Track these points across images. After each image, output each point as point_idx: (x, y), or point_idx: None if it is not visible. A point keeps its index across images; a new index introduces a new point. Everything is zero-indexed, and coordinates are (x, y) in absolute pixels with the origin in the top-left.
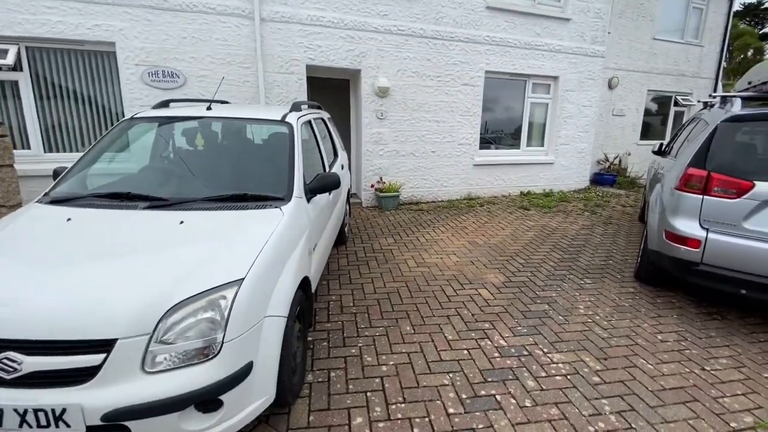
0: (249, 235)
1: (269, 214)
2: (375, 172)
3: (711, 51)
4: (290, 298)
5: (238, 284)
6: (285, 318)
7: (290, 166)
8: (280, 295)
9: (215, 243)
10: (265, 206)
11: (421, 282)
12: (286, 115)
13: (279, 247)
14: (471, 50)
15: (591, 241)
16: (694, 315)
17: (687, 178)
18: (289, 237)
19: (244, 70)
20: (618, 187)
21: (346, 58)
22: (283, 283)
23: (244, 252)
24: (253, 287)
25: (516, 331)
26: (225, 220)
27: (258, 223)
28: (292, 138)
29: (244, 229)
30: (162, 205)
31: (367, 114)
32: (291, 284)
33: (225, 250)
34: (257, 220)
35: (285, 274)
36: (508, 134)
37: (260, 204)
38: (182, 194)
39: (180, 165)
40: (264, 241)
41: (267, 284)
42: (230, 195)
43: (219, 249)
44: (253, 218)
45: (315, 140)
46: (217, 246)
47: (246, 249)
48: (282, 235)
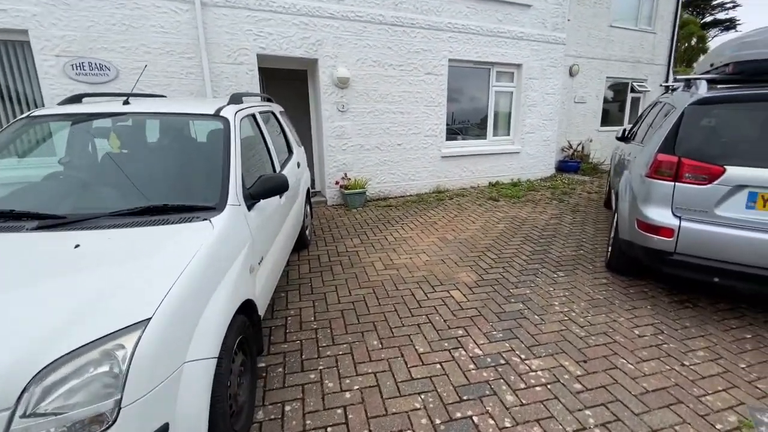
0: (163, 259)
1: (195, 228)
2: (339, 168)
3: (663, 38)
4: (222, 333)
5: (142, 327)
6: (215, 359)
7: (224, 168)
8: (207, 332)
9: (116, 273)
10: (191, 219)
11: (389, 287)
12: (221, 108)
13: (206, 269)
14: (433, 38)
15: (561, 230)
16: (667, 304)
17: (657, 165)
18: (221, 255)
19: (187, 61)
20: (582, 173)
21: (301, 47)
22: (211, 314)
23: (154, 282)
24: (164, 328)
25: (491, 337)
26: (135, 240)
27: (178, 241)
28: (228, 135)
29: (159, 251)
30: (56, 225)
31: (328, 107)
32: (224, 315)
33: (128, 282)
34: (178, 238)
35: (215, 302)
36: (474, 124)
37: (184, 217)
38: (84, 209)
39: (86, 173)
40: (183, 265)
41: (187, 321)
42: (146, 207)
43: (120, 281)
44: (173, 235)
45: (261, 137)
46: (119, 276)
47: (157, 278)
48: (211, 254)
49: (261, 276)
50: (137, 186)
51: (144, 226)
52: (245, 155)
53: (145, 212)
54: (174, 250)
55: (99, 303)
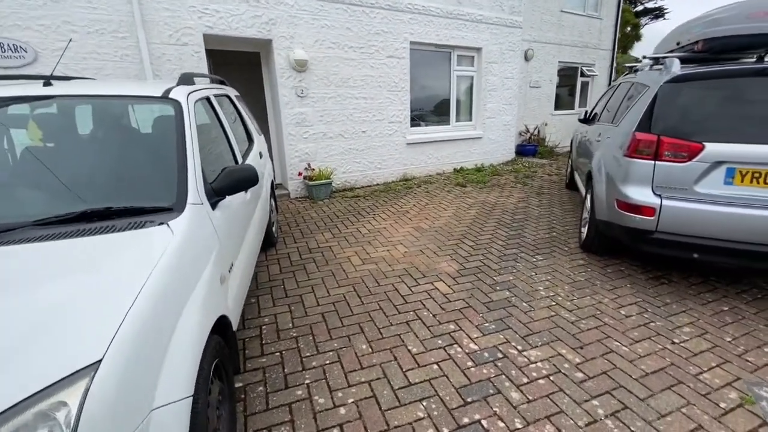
0: (113, 278)
1: (149, 235)
2: (301, 158)
3: (608, 24)
4: (196, 363)
5: (90, 373)
6: (189, 398)
7: (180, 160)
8: (177, 365)
9: (48, 301)
10: (144, 224)
11: (370, 283)
12: (170, 90)
13: (169, 286)
14: (394, 18)
15: (530, 213)
16: (645, 281)
17: (636, 144)
18: (186, 266)
19: (121, 41)
20: (540, 156)
21: (253, 26)
22: (180, 342)
23: (103, 310)
24: (120, 371)
25: (484, 329)
26: (71, 255)
27: (130, 253)
28: (182, 120)
29: (105, 267)
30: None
31: (285, 92)
32: (196, 340)
33: (66, 314)
34: (129, 249)
35: (184, 327)
36: (437, 110)
37: (135, 222)
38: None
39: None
40: (140, 284)
41: (150, 356)
42: (82, 213)
43: (55, 312)
44: (123, 246)
45: (219, 123)
46: (53, 307)
47: (106, 304)
48: (174, 266)
49: (232, 285)
50: (69, 186)
51: (82, 235)
52: (202, 145)
53: (82, 218)
54: (126, 264)
55: (26, 346)
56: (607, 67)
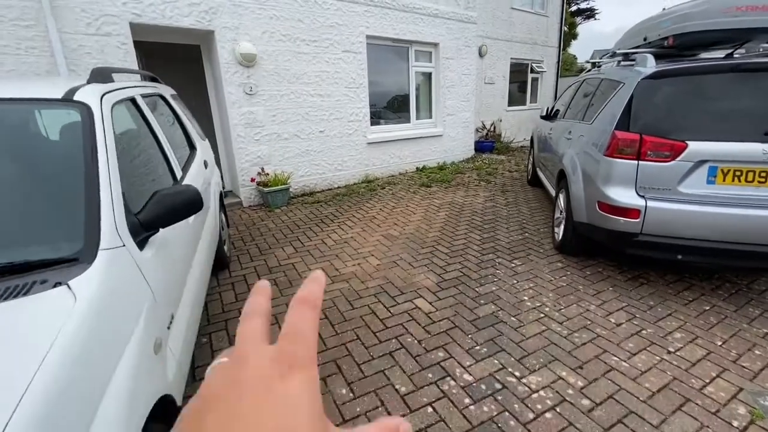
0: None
1: (35, 308)
2: (254, 162)
3: (554, 21)
4: None
5: None
6: None
7: (89, 187)
8: None
9: None
10: (29, 288)
11: (343, 306)
12: (76, 89)
13: (65, 395)
14: (348, 10)
15: (499, 213)
16: (625, 283)
17: (616, 144)
18: (98, 349)
19: (25, 31)
20: (497, 153)
21: (190, 15)
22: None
23: None
24: None
25: (476, 354)
26: None
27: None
28: (92, 131)
29: None
30: None
31: (232, 89)
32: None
33: None
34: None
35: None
36: (397, 107)
37: (14, 286)
38: None
39: None
40: (15, 397)
41: None
42: None
43: None
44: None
45: (150, 131)
46: None
47: None
48: (75, 357)
49: (175, 343)
50: None
51: None
52: (125, 161)
53: None
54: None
55: None
56: (554, 64)
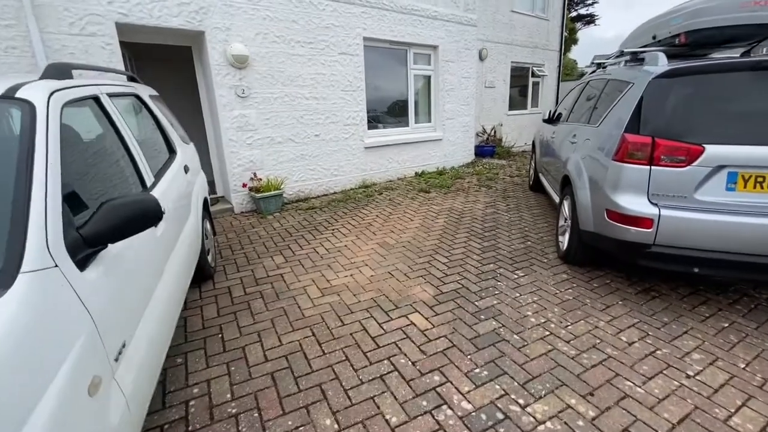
0: None
1: None
2: (246, 166)
3: (555, 25)
4: None
5: None
6: None
7: (18, 196)
8: None
9: None
10: None
11: (332, 322)
12: (20, 86)
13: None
14: (345, 12)
15: (500, 220)
16: (635, 296)
17: (626, 147)
18: (4, 394)
19: (4, 31)
20: (498, 157)
21: (179, 15)
22: None
23: None
24: None
25: (476, 377)
26: None
27: None
28: (32, 132)
29: None
30: None
31: (223, 92)
32: None
33: None
34: None
35: None
36: (395, 111)
37: None
38: None
39: None
40: None
41: None
42: None
43: None
44: None
45: (116, 133)
46: None
47: None
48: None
49: (126, 377)
50: None
51: None
52: (84, 167)
53: None
54: None
55: None
56: (555, 68)
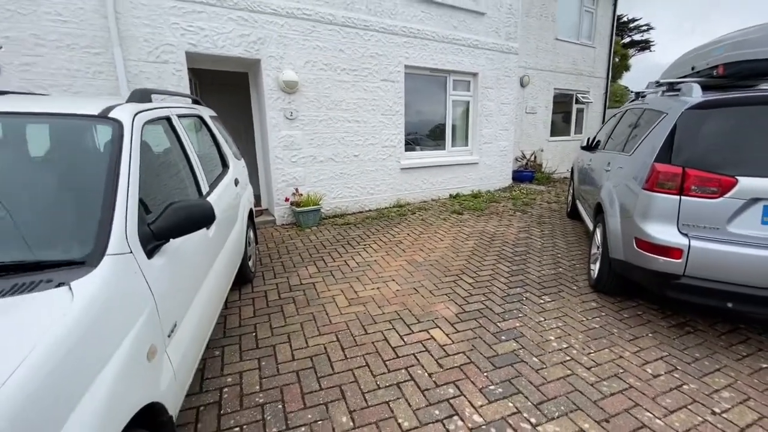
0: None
1: (35, 304)
2: (289, 182)
3: (601, 53)
4: None
5: None
6: None
7: (107, 195)
8: None
9: None
10: (35, 285)
11: (356, 330)
12: (112, 108)
13: (46, 385)
14: (388, 42)
15: (533, 245)
16: (667, 330)
17: (656, 177)
18: (86, 347)
19: (94, 57)
20: (537, 183)
21: (240, 45)
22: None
23: None
24: None
25: (490, 394)
26: None
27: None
28: (120, 145)
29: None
30: None
31: (274, 114)
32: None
33: None
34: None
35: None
36: (432, 134)
37: (21, 283)
38: None
39: None
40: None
41: None
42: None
43: None
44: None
45: (181, 148)
46: None
47: None
48: (63, 352)
49: (174, 352)
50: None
51: None
52: (155, 175)
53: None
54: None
55: None
56: (601, 95)
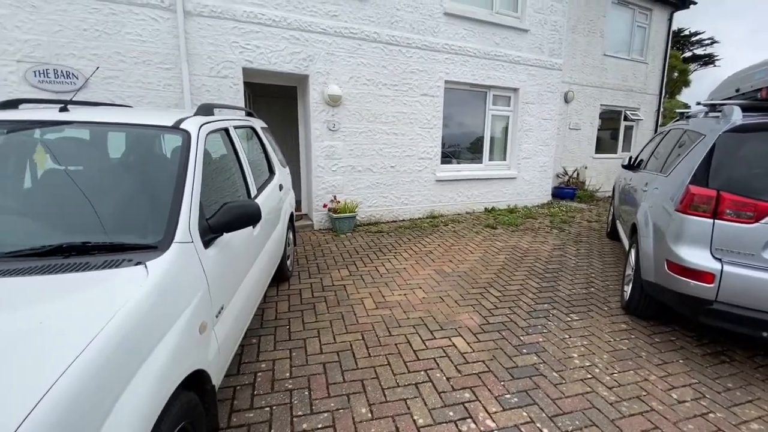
0: (60, 328)
1: (120, 277)
2: (328, 190)
3: (655, 68)
4: (148, 429)
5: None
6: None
7: (176, 193)
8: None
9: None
10: (120, 263)
11: (381, 331)
12: (183, 120)
13: (124, 341)
14: (429, 58)
15: (566, 263)
16: (701, 358)
17: (690, 199)
18: (155, 314)
19: (165, 72)
20: (578, 200)
21: (291, 62)
22: (129, 407)
23: (34, 370)
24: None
25: (505, 402)
26: (28, 297)
27: (88, 299)
28: (187, 152)
29: (57, 315)
30: None
31: (318, 125)
32: (151, 403)
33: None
34: (90, 293)
35: (136, 388)
36: (470, 148)
37: (111, 260)
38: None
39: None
40: (88, 338)
41: (83, 426)
42: (57, 247)
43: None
44: (85, 289)
45: (235, 155)
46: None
47: (40, 362)
48: (138, 316)
49: (220, 331)
50: (53, 217)
51: (53, 272)
52: (213, 178)
53: (57, 253)
54: (82, 311)
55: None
56: (653, 112)
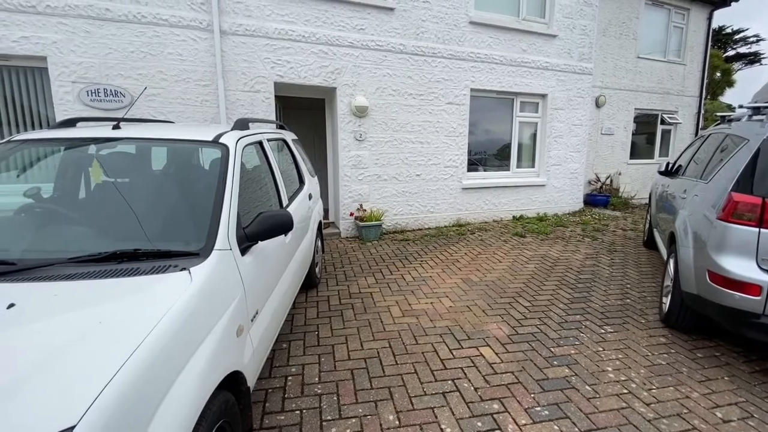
0: (114, 328)
1: (167, 282)
2: (354, 198)
3: (693, 69)
4: (190, 427)
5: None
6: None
7: (216, 203)
8: (166, 430)
9: (35, 354)
10: (166, 268)
11: (408, 339)
12: (221, 135)
13: (171, 341)
14: (455, 67)
15: (599, 273)
16: (748, 375)
17: (733, 206)
18: (197, 317)
19: (203, 88)
20: (612, 208)
21: (319, 75)
22: (174, 404)
23: (91, 367)
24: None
25: (535, 415)
26: (85, 299)
27: (141, 300)
28: (226, 165)
29: (112, 315)
30: (4, 272)
31: (345, 135)
32: (194, 401)
33: (53, 368)
34: (142, 296)
35: (181, 386)
36: (497, 155)
37: (158, 266)
38: (41, 253)
39: (57, 207)
40: (139, 339)
41: (136, 419)
42: (112, 253)
43: (39, 366)
44: (137, 291)
45: (268, 166)
46: (41, 358)
47: (97, 360)
48: (183, 319)
49: (255, 335)
50: (108, 225)
51: (107, 277)
52: (248, 188)
53: (112, 258)
54: (132, 313)
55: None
56: (693, 115)
